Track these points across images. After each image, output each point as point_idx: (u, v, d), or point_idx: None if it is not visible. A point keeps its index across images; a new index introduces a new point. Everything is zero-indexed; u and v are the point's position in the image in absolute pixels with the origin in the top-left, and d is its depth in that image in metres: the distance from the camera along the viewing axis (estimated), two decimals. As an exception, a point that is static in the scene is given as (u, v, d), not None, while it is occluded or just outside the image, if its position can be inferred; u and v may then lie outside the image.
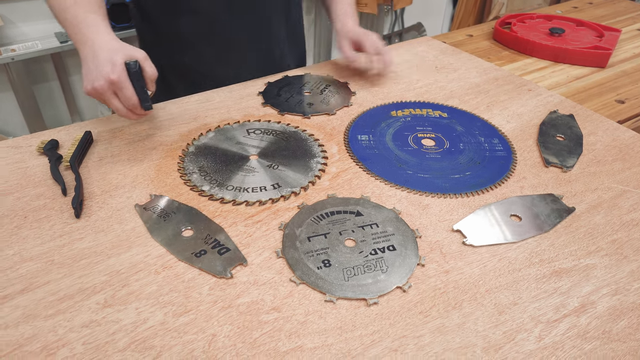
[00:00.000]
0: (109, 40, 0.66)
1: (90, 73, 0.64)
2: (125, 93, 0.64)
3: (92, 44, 0.65)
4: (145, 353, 0.45)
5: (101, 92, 0.64)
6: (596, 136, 0.80)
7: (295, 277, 0.53)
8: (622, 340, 0.48)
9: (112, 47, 0.64)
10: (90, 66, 0.64)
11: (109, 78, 0.62)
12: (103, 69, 0.62)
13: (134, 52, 0.66)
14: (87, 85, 0.64)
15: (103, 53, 0.64)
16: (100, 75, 0.63)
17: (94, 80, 0.63)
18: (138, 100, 0.66)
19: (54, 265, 0.53)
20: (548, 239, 0.60)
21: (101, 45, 0.65)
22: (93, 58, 0.64)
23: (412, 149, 0.75)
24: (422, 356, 0.46)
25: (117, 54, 0.64)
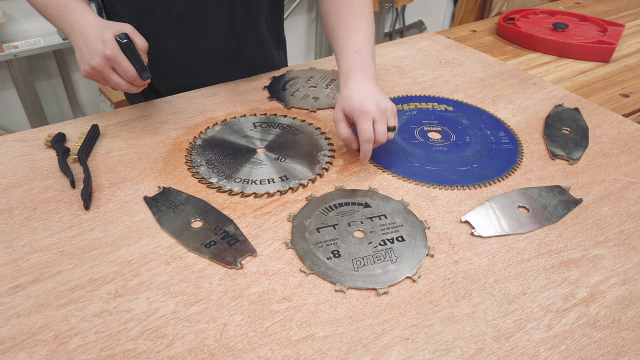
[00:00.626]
0: (94, 20, 0.66)
1: (84, 55, 0.64)
2: (123, 66, 0.65)
3: (80, 27, 0.65)
4: (157, 341, 0.45)
5: (99, 70, 0.64)
6: (602, 129, 0.80)
7: (305, 268, 0.53)
8: (632, 329, 0.48)
9: (99, 25, 0.65)
10: (83, 48, 0.65)
11: (104, 54, 0.63)
12: (96, 47, 0.63)
13: (121, 26, 0.66)
14: (84, 67, 0.65)
15: (92, 32, 0.64)
16: (94, 53, 0.63)
17: (90, 60, 0.64)
18: (136, 71, 0.66)
19: (64, 256, 0.53)
20: (556, 229, 0.60)
21: (88, 26, 0.65)
22: (84, 40, 0.64)
23: (418, 142, 0.75)
24: (433, 344, 0.46)
25: (106, 30, 0.64)
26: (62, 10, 0.68)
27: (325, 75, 0.95)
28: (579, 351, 0.46)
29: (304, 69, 0.98)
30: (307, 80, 0.93)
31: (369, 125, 0.63)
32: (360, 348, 0.45)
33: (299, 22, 2.41)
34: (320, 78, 0.94)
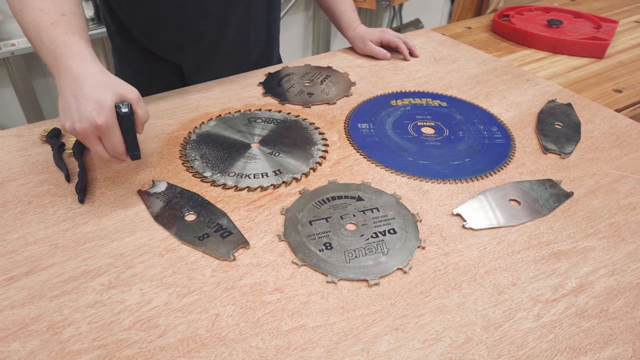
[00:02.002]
0: (95, 72, 0.54)
1: (70, 110, 0.53)
2: (112, 140, 0.54)
3: (74, 73, 0.54)
4: (150, 332, 0.45)
5: (83, 136, 0.53)
6: (594, 124, 0.81)
7: (297, 260, 0.53)
8: (619, 319, 0.48)
9: (99, 82, 0.54)
10: (71, 102, 0.53)
11: (95, 122, 0.52)
12: (87, 109, 0.52)
13: (125, 89, 0.55)
14: (65, 123, 0.54)
15: (88, 88, 0.53)
16: (83, 116, 0.52)
17: (76, 122, 0.52)
18: (125, 149, 0.56)
19: (58, 249, 0.54)
20: (547, 222, 0.60)
21: (86, 78, 0.53)
22: (75, 92, 0.53)
23: (412, 137, 0.76)
24: (423, 334, 0.46)
25: (106, 92, 0.53)
26: (57, 46, 0.56)
27: (320, 72, 0.95)
28: (567, 340, 0.46)
29: (299, 65, 0.98)
30: (302, 76, 0.93)
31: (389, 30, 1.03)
32: (351, 338, 0.46)
33: (295, 20, 2.41)
34: (315, 74, 0.94)
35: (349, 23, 1.05)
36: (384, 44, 1.03)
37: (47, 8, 0.58)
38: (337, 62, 1.00)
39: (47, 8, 0.58)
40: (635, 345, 0.46)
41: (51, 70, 0.57)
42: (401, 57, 1.03)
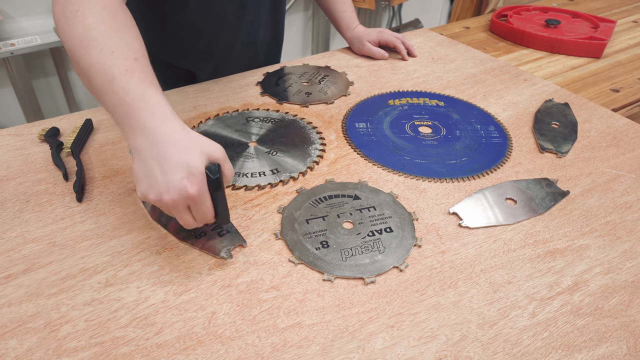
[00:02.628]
0: (178, 131, 0.47)
1: (154, 177, 0.45)
2: (203, 209, 0.47)
3: (156, 135, 0.46)
4: (147, 329, 0.46)
5: (171, 207, 0.46)
6: (591, 123, 0.81)
7: (294, 258, 0.54)
8: (614, 316, 0.49)
9: (185, 144, 0.46)
10: (154, 168, 0.45)
11: (187, 193, 0.45)
12: (176, 177, 0.45)
13: (212, 148, 0.48)
14: (147, 194, 0.46)
15: (174, 152, 0.45)
16: (172, 186, 0.45)
17: (163, 192, 0.45)
18: (214, 214, 0.49)
19: (56, 247, 0.54)
20: (543, 221, 0.61)
21: (170, 139, 0.46)
22: (159, 157, 0.45)
23: (409, 136, 0.76)
24: (418, 332, 0.47)
25: (194, 155, 0.46)
26: (134, 99, 0.47)
27: (318, 71, 0.95)
28: (562, 338, 0.47)
29: (297, 64, 0.98)
30: (300, 76, 0.93)
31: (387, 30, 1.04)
32: (347, 335, 0.46)
33: (295, 20, 2.42)
34: (314, 74, 0.94)
35: (348, 23, 1.05)
36: (382, 44, 1.03)
37: (118, 50, 0.49)
38: (335, 62, 1.01)
39: (118, 50, 0.49)
40: (630, 343, 0.46)
41: (120, 124, 0.49)
42: (399, 57, 1.03)
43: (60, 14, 0.52)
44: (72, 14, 0.51)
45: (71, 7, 0.51)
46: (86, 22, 0.50)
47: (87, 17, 0.51)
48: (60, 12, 0.52)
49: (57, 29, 0.54)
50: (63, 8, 0.52)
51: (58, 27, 0.53)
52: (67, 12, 0.52)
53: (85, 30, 0.50)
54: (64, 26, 0.52)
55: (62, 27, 0.52)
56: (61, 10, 0.52)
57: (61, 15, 0.52)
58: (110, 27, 0.51)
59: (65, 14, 0.52)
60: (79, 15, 0.51)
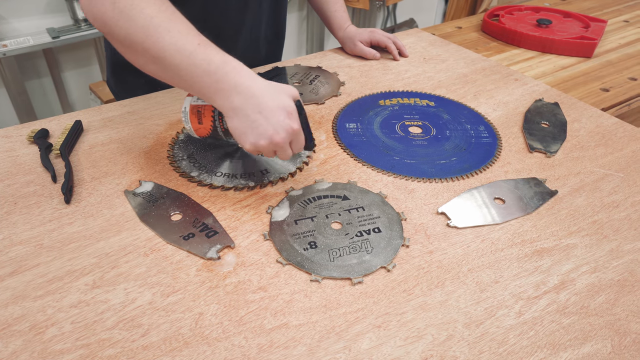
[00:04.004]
0: (263, 82, 0.55)
1: (261, 126, 0.53)
2: (300, 139, 0.56)
3: (250, 90, 0.53)
4: (133, 331, 0.46)
5: (280, 146, 0.54)
6: (580, 123, 0.81)
7: (282, 259, 0.54)
8: (600, 315, 0.49)
9: (274, 91, 0.54)
10: (258, 118, 0.53)
11: (292, 128, 0.53)
12: (280, 119, 0.53)
13: (290, 89, 0.56)
14: (259, 141, 0.54)
15: (269, 99, 0.53)
16: (279, 126, 0.53)
17: (273, 135, 0.53)
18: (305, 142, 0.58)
19: (43, 249, 0.54)
20: (530, 220, 0.61)
21: (262, 90, 0.53)
22: (259, 107, 0.53)
23: (399, 136, 0.76)
24: (405, 331, 0.47)
25: (284, 97, 0.54)
26: (219, 66, 0.53)
27: (309, 72, 0.95)
28: (547, 337, 0.47)
29: (289, 65, 0.99)
30: (291, 76, 0.93)
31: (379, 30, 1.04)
32: (333, 335, 0.46)
33: (289, 20, 2.42)
34: (305, 74, 0.94)
35: (340, 24, 1.05)
36: (374, 44, 1.04)
37: (184, 30, 0.54)
38: (327, 62, 1.01)
39: (184, 30, 0.54)
40: (614, 341, 0.46)
41: (209, 92, 0.54)
42: (391, 57, 1.03)
43: (112, 10, 0.54)
44: (127, 7, 0.53)
45: (124, 2, 0.53)
46: (145, 12, 0.53)
47: (145, 8, 0.53)
48: (111, 9, 0.54)
49: (108, 26, 0.55)
50: (114, 4, 0.53)
51: (110, 24, 0.54)
52: (121, 6, 0.53)
53: (147, 19, 0.53)
54: (120, 21, 0.53)
55: (118, 22, 0.54)
56: (112, 7, 0.53)
57: (113, 12, 0.54)
58: (168, 13, 0.54)
59: (120, 8, 0.53)
60: (135, 7, 0.53)
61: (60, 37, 1.70)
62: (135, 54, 0.56)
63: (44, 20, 1.77)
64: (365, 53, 1.01)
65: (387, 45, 1.02)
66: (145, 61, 0.55)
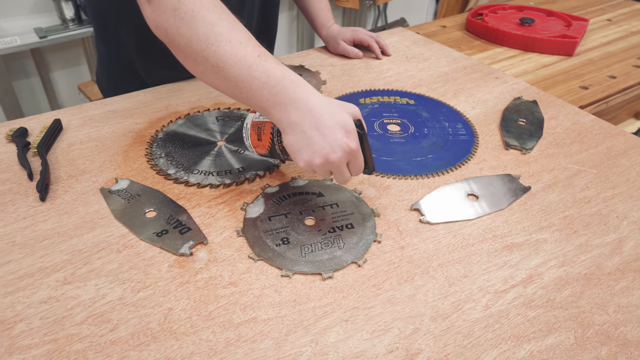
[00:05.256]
0: (322, 99, 0.52)
1: (317, 144, 0.50)
2: (359, 161, 0.53)
3: (307, 105, 0.51)
4: (101, 326, 0.46)
5: (336, 165, 0.52)
6: (557, 120, 0.82)
7: (254, 254, 0.54)
8: (564, 308, 0.50)
9: (332, 108, 0.51)
10: (314, 135, 0.50)
11: (349, 148, 0.50)
12: (337, 137, 0.50)
13: (351, 107, 0.54)
14: (312, 160, 0.51)
15: (328, 116, 0.50)
16: (335, 145, 0.50)
17: (329, 153, 0.50)
18: (364, 164, 0.55)
19: (15, 246, 0.54)
20: (503, 216, 0.62)
21: (320, 107, 0.51)
22: (316, 124, 0.50)
23: (377, 134, 0.77)
24: (372, 325, 0.47)
25: (344, 114, 0.51)
26: (278, 79, 0.51)
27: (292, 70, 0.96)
28: (512, 329, 0.47)
29: (271, 64, 0.99)
30: (273, 75, 0.94)
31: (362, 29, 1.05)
32: (301, 329, 0.47)
33: (280, 19, 2.42)
34: (287, 73, 0.95)
35: (323, 22, 1.06)
36: (357, 43, 1.04)
37: (244, 40, 0.53)
38: (310, 61, 1.01)
39: (244, 40, 0.53)
40: (578, 333, 0.47)
41: (267, 106, 0.53)
42: (374, 56, 1.04)
43: (173, 17, 0.53)
44: (188, 15, 0.52)
45: (185, 9, 0.52)
46: (207, 19, 0.52)
47: (206, 15, 0.52)
48: (173, 17, 0.53)
49: (169, 34, 0.54)
50: (175, 11, 0.53)
51: (171, 32, 0.54)
52: (182, 14, 0.52)
53: (209, 28, 0.52)
54: (181, 29, 0.53)
55: (180, 30, 0.53)
56: (172, 14, 0.53)
57: (175, 19, 0.53)
58: (229, 21, 0.54)
59: (181, 16, 0.52)
60: (196, 15, 0.52)
61: (47, 36, 1.70)
62: (194, 63, 0.54)
63: (31, 20, 1.77)
64: (348, 52, 1.02)
65: (369, 44, 1.02)
66: (204, 70, 0.54)
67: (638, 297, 0.51)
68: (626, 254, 0.56)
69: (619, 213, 0.62)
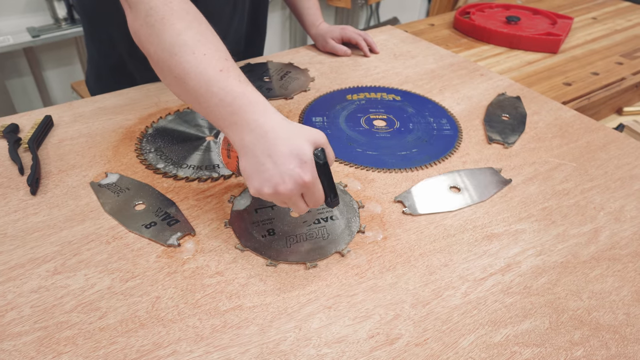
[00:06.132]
0: (282, 123, 0.48)
1: (267, 172, 0.47)
2: (316, 194, 0.49)
3: (263, 128, 0.47)
4: (90, 314, 0.47)
5: (286, 198, 0.48)
6: (539, 115, 0.84)
7: (240, 245, 0.56)
8: (540, 294, 0.51)
9: (291, 134, 0.47)
10: (266, 162, 0.47)
11: (302, 180, 0.46)
12: (289, 167, 0.46)
13: (315, 135, 0.49)
14: (261, 188, 0.48)
15: (283, 143, 0.47)
16: (286, 175, 0.46)
17: (279, 184, 0.46)
18: (324, 197, 0.50)
19: (6, 238, 0.55)
20: (483, 207, 0.63)
21: (276, 131, 0.47)
22: (269, 150, 0.47)
23: (363, 129, 0.78)
24: (354, 312, 0.49)
25: (302, 143, 0.47)
26: (235, 97, 0.48)
27: (280, 68, 0.97)
28: (490, 315, 0.49)
29: (261, 61, 1.00)
30: (262, 72, 0.95)
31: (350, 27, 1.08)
32: (285, 316, 0.48)
33: (272, 19, 2.43)
34: (276, 70, 0.96)
35: (312, 21, 1.07)
36: (345, 41, 1.06)
37: (210, 52, 0.50)
38: (299, 59, 1.03)
39: (210, 52, 0.50)
40: (552, 318, 0.49)
41: (221, 125, 0.50)
42: (362, 54, 1.05)
43: (145, 24, 0.52)
44: (158, 22, 0.51)
45: (156, 16, 0.51)
46: (174, 27, 0.51)
47: (175, 23, 0.51)
48: (144, 23, 0.52)
49: (142, 41, 0.53)
50: (147, 18, 0.52)
51: (143, 39, 0.53)
52: (152, 20, 0.51)
53: (174, 37, 0.50)
54: (151, 37, 0.52)
55: (149, 37, 0.52)
56: (144, 21, 0.52)
57: (145, 26, 0.52)
58: (198, 31, 0.52)
59: (151, 23, 0.51)
60: (165, 22, 0.51)
61: (40, 36, 1.71)
62: (161, 73, 0.53)
63: (24, 19, 1.78)
64: (336, 50, 1.04)
65: (357, 41, 1.04)
66: (170, 81, 0.53)
67: (611, 284, 0.53)
68: (602, 243, 0.58)
69: (596, 204, 0.64)
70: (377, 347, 0.46)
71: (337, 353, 0.45)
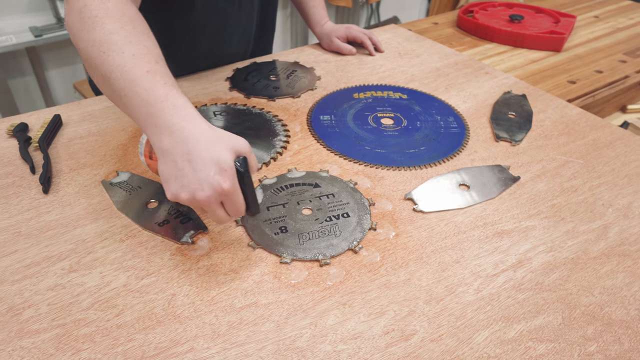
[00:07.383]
0: (204, 129, 0.47)
1: (186, 177, 0.45)
2: (236, 202, 0.48)
3: (183, 132, 0.46)
4: (108, 311, 0.48)
5: (205, 204, 0.46)
6: (545, 113, 0.85)
7: (253, 242, 0.56)
8: (553, 290, 0.52)
9: (212, 140, 0.46)
10: (184, 167, 0.45)
11: (220, 188, 0.45)
12: (209, 174, 0.45)
13: (238, 143, 0.48)
14: (179, 194, 0.46)
15: (203, 149, 0.45)
16: (205, 182, 0.45)
17: (196, 190, 0.45)
18: (245, 207, 0.50)
19: (21, 236, 0.55)
20: (493, 204, 0.64)
21: (197, 136, 0.46)
22: (189, 155, 0.45)
23: (371, 127, 0.79)
24: (369, 308, 0.49)
25: (223, 150, 0.46)
26: (158, 99, 0.47)
27: (286, 67, 0.98)
28: (503, 310, 0.50)
29: (267, 60, 1.01)
30: (269, 71, 0.96)
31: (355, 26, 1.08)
32: (300, 313, 0.49)
33: (274, 18, 2.44)
34: (282, 69, 0.97)
35: (317, 20, 1.08)
36: (350, 40, 1.06)
37: (139, 54, 0.50)
38: (304, 58, 1.03)
39: (139, 54, 0.50)
40: (565, 314, 0.49)
41: (143, 126, 0.49)
42: (367, 53, 1.06)
43: (77, 20, 0.52)
44: (90, 19, 0.51)
45: (89, 13, 0.51)
46: (106, 27, 0.50)
47: (107, 22, 0.51)
48: (77, 19, 0.52)
49: (74, 36, 0.53)
50: (80, 14, 0.52)
51: (75, 34, 0.53)
52: (85, 17, 0.51)
53: (105, 35, 0.50)
54: (82, 32, 0.51)
55: (80, 33, 0.52)
56: (78, 17, 0.52)
57: (78, 22, 0.52)
58: (130, 32, 0.51)
59: (84, 19, 0.51)
60: (97, 21, 0.51)
61: (42, 35, 1.71)
62: (90, 70, 0.52)
63: (26, 19, 1.77)
64: (341, 49, 1.04)
65: (362, 40, 1.04)
66: (97, 80, 0.52)
67: (622, 280, 0.54)
68: (611, 239, 0.59)
69: (605, 201, 0.65)
70: (392, 343, 0.46)
71: (354, 349, 0.45)
